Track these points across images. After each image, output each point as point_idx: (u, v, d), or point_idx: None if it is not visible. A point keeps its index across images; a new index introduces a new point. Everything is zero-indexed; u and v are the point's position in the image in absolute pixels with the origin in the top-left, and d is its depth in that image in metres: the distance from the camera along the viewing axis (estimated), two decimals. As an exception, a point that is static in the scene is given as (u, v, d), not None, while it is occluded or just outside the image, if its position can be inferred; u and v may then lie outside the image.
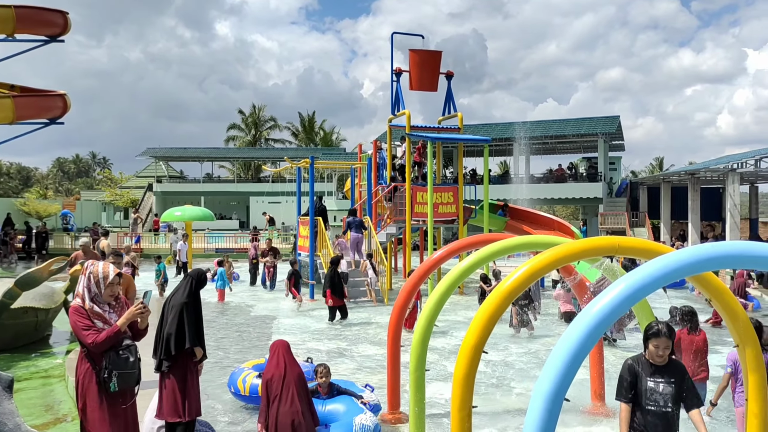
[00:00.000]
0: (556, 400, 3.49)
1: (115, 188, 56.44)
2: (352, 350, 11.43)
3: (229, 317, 15.04)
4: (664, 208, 33.46)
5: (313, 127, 66.57)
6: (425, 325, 6.47)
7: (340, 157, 47.71)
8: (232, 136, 65.83)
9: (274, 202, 44.34)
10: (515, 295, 5.08)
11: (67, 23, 26.04)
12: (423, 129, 19.32)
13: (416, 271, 7.78)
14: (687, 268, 3.82)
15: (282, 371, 5.82)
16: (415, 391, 6.48)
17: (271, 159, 55.21)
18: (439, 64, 20.05)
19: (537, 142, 39.21)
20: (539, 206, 33.92)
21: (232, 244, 33.85)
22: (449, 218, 19.34)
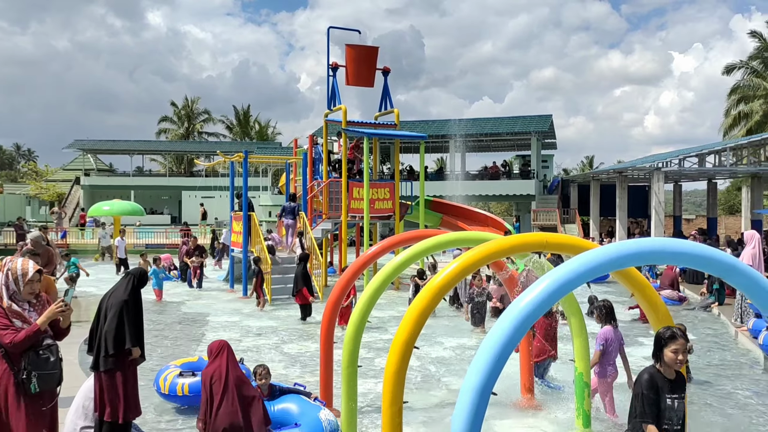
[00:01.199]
0: (483, 395, 3.51)
1: (40, 181, 54.21)
2: (287, 347, 11.31)
3: (160, 316, 14.65)
4: (594, 205, 34.45)
5: (249, 121, 65.65)
6: (358, 321, 6.44)
7: (276, 152, 47.20)
8: (164, 128, 64.17)
9: (207, 197, 43.48)
10: (446, 290, 5.11)
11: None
12: (359, 124, 19.28)
13: (350, 266, 7.74)
14: (611, 263, 3.92)
15: (224, 372, 5.70)
16: (347, 387, 6.45)
17: (205, 153, 54.11)
18: (376, 59, 20.04)
19: (472, 140, 39.76)
20: (474, 203, 34.39)
21: (163, 240, 32.97)
22: (386, 214, 19.37)
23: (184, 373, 7.66)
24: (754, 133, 36.62)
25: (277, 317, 14.28)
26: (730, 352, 11.12)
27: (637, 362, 10.26)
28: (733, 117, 42.28)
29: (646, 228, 31.51)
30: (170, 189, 50.38)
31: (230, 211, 19.85)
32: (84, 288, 17.23)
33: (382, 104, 20.62)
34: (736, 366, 10.17)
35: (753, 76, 41.54)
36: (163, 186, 50.93)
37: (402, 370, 4.83)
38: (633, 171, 29.15)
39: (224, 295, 17.67)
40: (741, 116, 41.71)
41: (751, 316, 11.96)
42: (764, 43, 41.24)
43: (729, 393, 8.72)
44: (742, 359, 10.67)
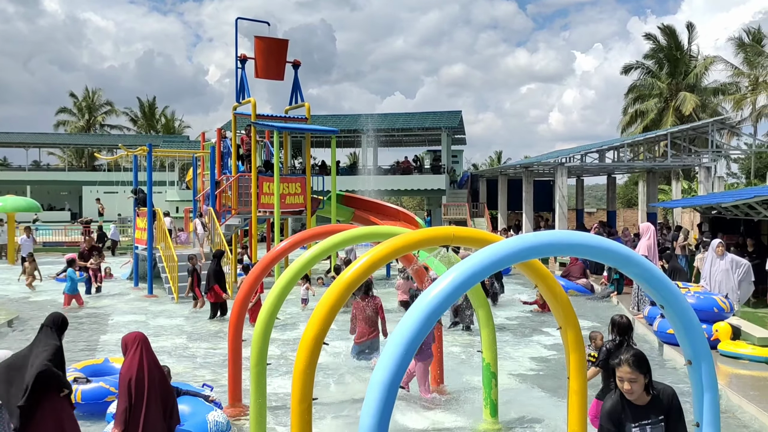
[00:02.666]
0: (391, 389, 3.51)
1: None
2: (194, 347, 11.00)
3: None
4: (501, 200, 35.37)
5: (154, 114, 63.48)
6: (266, 318, 6.33)
7: (183, 146, 45.82)
8: (62, 120, 61.08)
9: (109, 192, 41.67)
10: (356, 285, 5.09)
11: None
12: (269, 118, 18.99)
13: (259, 262, 7.61)
14: (514, 256, 3.99)
15: (145, 371, 5.22)
16: (256, 385, 6.34)
17: (107, 146, 51.90)
18: (286, 52, 19.77)
19: (384, 135, 39.98)
20: (387, 197, 34.65)
21: (62, 237, 31.40)
22: (297, 209, 19.19)
23: (79, 379, 7.26)
24: (649, 130, 38.68)
25: (185, 315, 13.88)
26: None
27: (540, 352, 10.64)
28: (630, 115, 44.49)
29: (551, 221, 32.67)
30: (70, 184, 48.03)
31: (134, 207, 19.10)
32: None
33: (292, 98, 20.37)
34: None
35: (648, 76, 43.87)
36: (62, 181, 48.51)
37: (311, 367, 4.78)
38: (538, 166, 30.14)
39: (128, 293, 17.01)
40: (637, 114, 43.95)
41: (646, 304, 12.60)
42: (658, 45, 43.59)
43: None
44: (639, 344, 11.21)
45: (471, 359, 9.91)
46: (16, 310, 14.09)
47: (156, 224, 17.09)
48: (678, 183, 32.53)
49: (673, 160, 25.90)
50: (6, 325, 12.49)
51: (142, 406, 5.12)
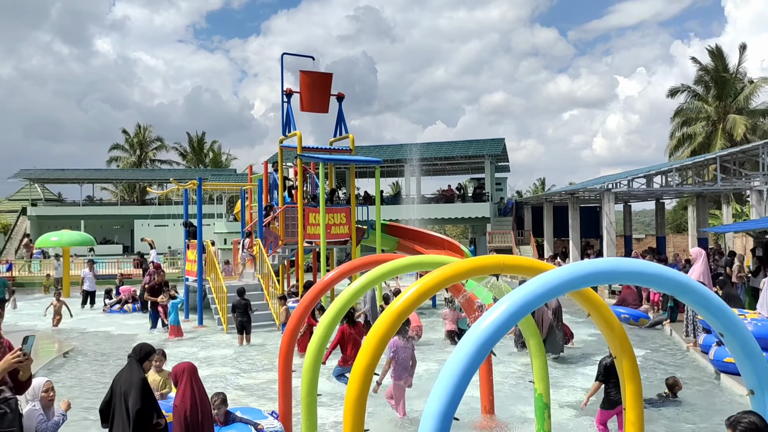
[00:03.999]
0: (445, 420, 3.49)
1: (-17, 212, 52.50)
2: (245, 377, 11.10)
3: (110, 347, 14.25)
4: (547, 227, 35.00)
5: (203, 148, 64.96)
6: (316, 349, 6.36)
7: (231, 178, 46.75)
8: (115, 156, 63.05)
9: (160, 225, 42.68)
10: (406, 315, 5.09)
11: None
12: (315, 150, 19.26)
13: (308, 293, 7.66)
14: (569, 283, 3.96)
15: (197, 402, 5.53)
16: (307, 416, 6.36)
17: (158, 180, 53.25)
18: (330, 85, 20.11)
19: (427, 164, 40.10)
20: (430, 226, 34.59)
21: (115, 270, 32.18)
22: (342, 239, 19.31)
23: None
24: (697, 153, 37.86)
25: (234, 346, 14.04)
26: (685, 368, 11.35)
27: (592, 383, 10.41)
28: (677, 139, 43.68)
29: (598, 248, 32.11)
30: (122, 218, 49.35)
31: (184, 239, 19.52)
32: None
33: (337, 130, 20.66)
34: (689, 380, 10.38)
35: (695, 99, 43.11)
36: (114, 215, 49.87)
37: (362, 397, 4.78)
38: (584, 192, 29.75)
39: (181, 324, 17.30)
40: (685, 138, 43.14)
41: (701, 332, 12.24)
42: (704, 68, 42.86)
43: (688, 405, 8.89)
44: (695, 374, 10.89)
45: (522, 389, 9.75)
46: (71, 343, 14.46)
47: (205, 256, 17.41)
48: (729, 207, 31.69)
49: (723, 184, 25.28)
50: (61, 356, 12.82)
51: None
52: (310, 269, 25.41)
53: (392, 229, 21.96)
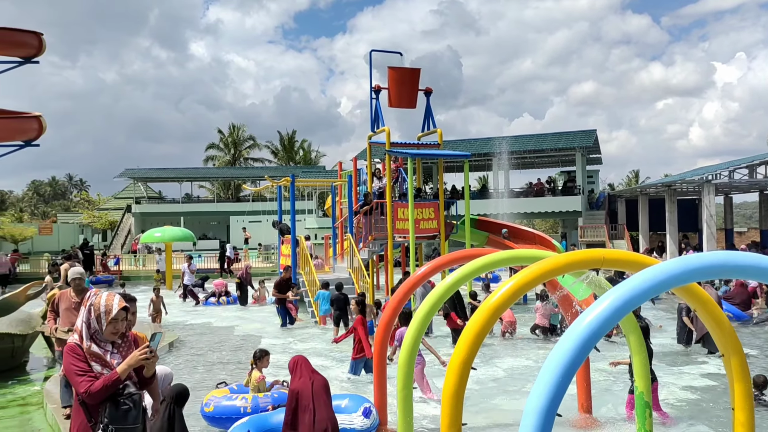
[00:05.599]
0: (548, 416, 3.45)
1: (92, 210, 55.77)
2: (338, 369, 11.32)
3: (214, 338, 14.86)
4: (642, 220, 33.80)
5: (293, 146, 66.53)
6: (412, 343, 6.41)
7: (320, 175, 47.64)
8: (211, 155, 65.61)
9: (254, 221, 44.09)
10: (503, 310, 5.06)
11: (42, 44, 25.83)
12: (403, 145, 19.35)
13: (401, 287, 7.74)
14: (674, 279, 3.82)
15: (309, 382, 6.07)
16: (403, 409, 6.42)
17: (251, 178, 55.02)
18: (418, 81, 20.15)
19: (516, 157, 39.52)
20: (518, 220, 34.11)
21: (213, 265, 33.55)
22: (431, 234, 19.33)
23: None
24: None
25: (327, 339, 14.33)
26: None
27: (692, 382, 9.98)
28: (784, 126, 41.11)
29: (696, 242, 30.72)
30: (218, 215, 51.31)
31: (278, 236, 20.07)
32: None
33: (424, 125, 20.68)
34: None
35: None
36: (211, 212, 51.92)
37: (460, 392, 4.79)
38: (682, 184, 28.53)
39: (275, 317, 17.82)
40: (792, 125, 40.54)
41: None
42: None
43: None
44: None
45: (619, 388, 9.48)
46: (175, 334, 15.16)
47: (299, 251, 17.85)
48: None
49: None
50: (167, 348, 13.47)
51: (309, 412, 5.87)
52: (399, 264, 25.59)
53: (481, 224, 21.78)
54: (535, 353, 12.24)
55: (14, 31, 25.23)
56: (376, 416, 7.16)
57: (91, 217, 53.21)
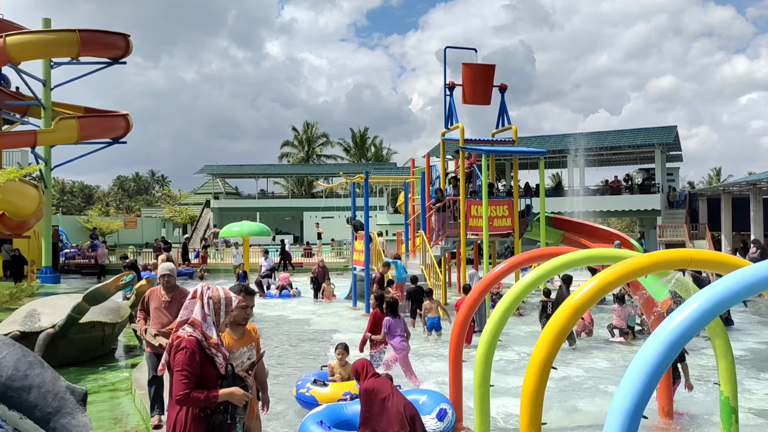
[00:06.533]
0: (634, 418, 3.41)
1: (174, 205, 57.84)
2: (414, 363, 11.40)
3: (288, 330, 15.21)
4: (725, 220, 32.47)
5: (365, 143, 67.11)
6: (489, 340, 6.41)
7: (392, 172, 47.92)
8: (285, 152, 66.97)
9: (327, 217, 44.80)
10: (585, 309, 5.01)
11: (129, 46, 27.19)
12: (477, 142, 19.24)
13: (477, 285, 7.74)
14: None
15: (382, 378, 6.32)
16: (480, 406, 6.43)
17: (324, 175, 55.90)
18: (493, 77, 19.98)
19: (592, 154, 38.64)
20: (593, 219, 33.37)
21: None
22: (504, 232, 19.14)
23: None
24: None
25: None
26: None
27: None
28: None
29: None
30: (292, 210, 52.36)
31: (352, 233, 20.33)
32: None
33: (499, 121, 20.49)
34: None
35: None
36: (285, 207, 53.02)
37: (540, 391, 4.78)
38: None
39: (348, 312, 18.09)
40: None
41: None
42: None
43: None
44: None
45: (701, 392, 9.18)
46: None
47: (372, 246, 18.03)
48: None
49: None
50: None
51: (389, 399, 6.02)
52: (471, 261, 25.47)
53: (556, 222, 21.42)
54: (608, 354, 11.99)
55: (104, 33, 26.62)
56: (452, 418, 7.13)
57: (173, 211, 55.22)
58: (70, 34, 25.15)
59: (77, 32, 25.13)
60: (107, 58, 27.18)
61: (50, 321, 10.83)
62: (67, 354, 11.04)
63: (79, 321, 10.93)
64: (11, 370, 4.86)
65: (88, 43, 25.53)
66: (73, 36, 25.07)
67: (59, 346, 10.76)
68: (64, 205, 73.07)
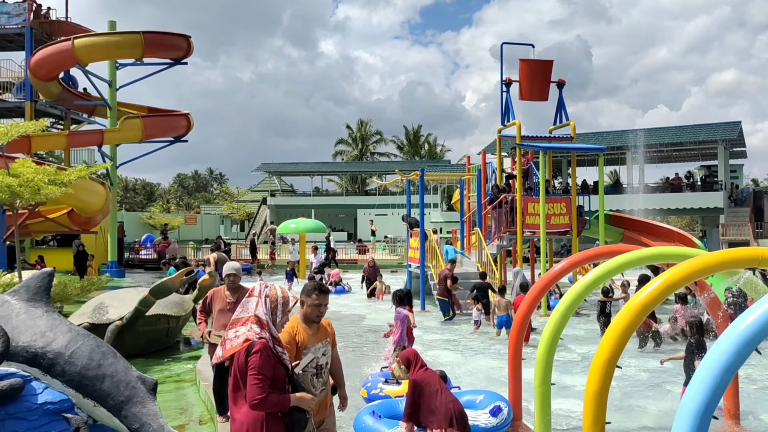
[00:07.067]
0: (704, 419, 3.37)
1: (232, 202, 59.03)
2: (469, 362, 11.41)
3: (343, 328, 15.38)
4: (794, 219, 31.24)
5: (419, 140, 67.10)
6: (551, 338, 6.38)
7: (446, 169, 47.81)
8: (339, 150, 67.53)
9: (380, 215, 44.99)
10: (650, 308, 4.95)
11: (190, 46, 27.88)
12: (534, 139, 19.03)
13: (537, 282, 7.70)
14: None
15: (432, 372, 6.24)
16: (541, 404, 6.41)
17: (378, 172, 56.14)
18: (551, 73, 19.73)
19: (651, 151, 37.74)
20: (652, 217, 32.61)
21: (342, 256, 34.60)
22: (562, 230, 18.90)
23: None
24: None
25: (456, 331, 14.45)
26: None
27: None
28: None
29: None
30: (346, 207, 52.79)
31: (407, 229, 20.40)
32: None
33: (556, 117, 20.22)
34: None
35: None
36: (339, 205, 53.51)
37: (604, 390, 4.75)
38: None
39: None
40: None
41: None
42: None
43: None
44: None
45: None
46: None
47: (427, 244, 18.06)
48: None
49: None
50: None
51: (437, 395, 5.92)
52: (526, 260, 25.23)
53: (616, 220, 21.03)
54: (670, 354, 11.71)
55: (167, 34, 27.39)
56: (507, 416, 7.07)
57: (231, 208, 56.35)
58: (135, 36, 25.96)
59: (141, 34, 25.93)
60: (169, 58, 27.95)
61: (118, 313, 11.25)
62: (134, 346, 11.41)
63: (146, 314, 11.30)
64: (86, 359, 5.07)
65: (152, 44, 26.31)
66: (138, 38, 25.87)
67: (126, 338, 11.15)
68: (127, 201, 75.38)
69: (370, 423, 6.49)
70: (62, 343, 5.05)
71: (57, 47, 25.41)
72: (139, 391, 5.10)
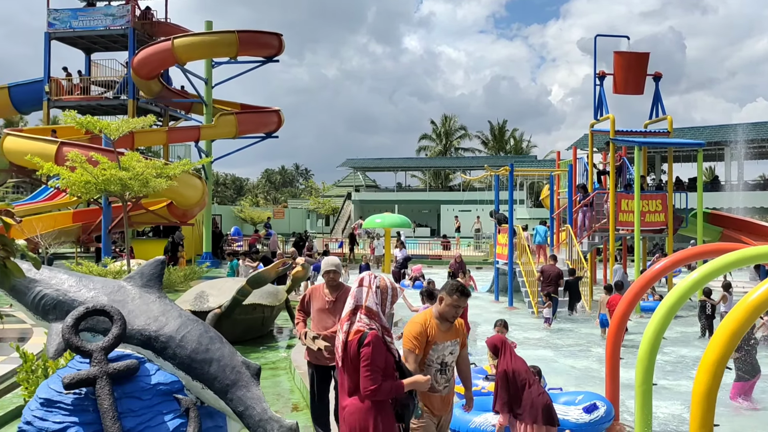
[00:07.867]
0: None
1: (317, 197, 60.18)
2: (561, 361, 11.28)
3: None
4: None
5: (503, 135, 66.23)
6: (653, 337, 6.23)
7: (532, 165, 47.02)
8: (423, 146, 67.52)
9: (464, 211, 44.71)
10: (763, 309, 4.77)
11: (282, 44, 28.65)
12: (629, 133, 18.47)
13: (637, 281, 7.53)
14: None
15: (520, 362, 6.18)
16: (642, 405, 6.27)
17: (461, 168, 55.78)
18: (647, 65, 19.08)
19: (753, 146, 35.87)
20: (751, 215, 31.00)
21: (426, 251, 34.70)
22: (657, 227, 18.29)
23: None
24: None
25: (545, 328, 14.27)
26: None
27: None
28: None
29: None
30: (429, 203, 52.78)
31: (495, 226, 20.26)
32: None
33: (652, 111, 19.56)
34: None
35: None
36: (423, 200, 53.56)
37: (713, 392, 4.60)
38: None
39: (490, 305, 18.06)
40: None
41: None
42: None
43: None
44: None
45: None
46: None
47: (516, 240, 17.89)
48: None
49: None
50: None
51: (528, 387, 5.91)
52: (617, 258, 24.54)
53: (714, 218, 20.18)
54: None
55: (260, 33, 28.25)
56: (603, 414, 6.96)
57: (316, 203, 57.46)
58: (230, 35, 26.92)
59: (236, 33, 26.86)
60: (262, 56, 28.82)
61: (217, 302, 11.75)
62: (231, 333, 11.78)
63: (243, 303, 11.74)
64: (195, 344, 5.31)
65: (246, 43, 27.21)
66: (233, 37, 26.82)
67: (224, 326, 11.59)
68: (218, 195, 78.11)
69: (457, 414, 6.53)
70: (174, 328, 5.26)
71: (158, 47, 26.68)
72: (243, 375, 5.28)
